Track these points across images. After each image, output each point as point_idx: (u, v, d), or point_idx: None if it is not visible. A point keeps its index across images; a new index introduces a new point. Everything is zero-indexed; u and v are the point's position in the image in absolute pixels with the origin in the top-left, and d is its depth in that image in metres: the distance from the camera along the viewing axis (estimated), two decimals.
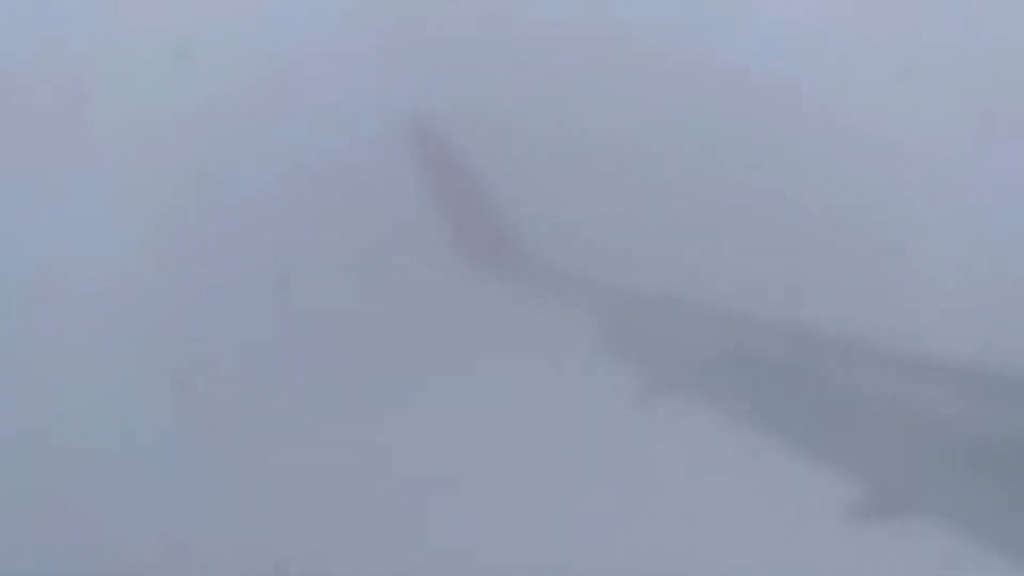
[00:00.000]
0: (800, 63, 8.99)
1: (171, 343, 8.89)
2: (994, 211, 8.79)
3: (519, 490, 8.25)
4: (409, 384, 8.58)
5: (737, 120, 8.89)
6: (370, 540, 8.39)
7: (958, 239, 8.70)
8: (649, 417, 7.44)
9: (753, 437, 6.97)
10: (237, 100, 9.21)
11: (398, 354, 8.68)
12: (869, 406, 6.73)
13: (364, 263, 8.85)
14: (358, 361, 8.72)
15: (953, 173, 8.87)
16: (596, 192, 8.80)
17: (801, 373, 6.87)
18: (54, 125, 9.28)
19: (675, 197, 8.71)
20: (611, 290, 7.89)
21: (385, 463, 8.51)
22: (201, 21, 9.35)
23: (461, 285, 8.61)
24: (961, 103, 8.92)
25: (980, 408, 6.42)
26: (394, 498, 8.48)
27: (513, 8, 9.09)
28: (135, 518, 8.54)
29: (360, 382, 8.64)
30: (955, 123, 8.89)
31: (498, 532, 8.16)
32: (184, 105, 9.23)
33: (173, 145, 9.18)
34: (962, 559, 6.27)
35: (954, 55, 8.97)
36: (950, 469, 6.37)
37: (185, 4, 9.43)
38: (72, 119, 9.26)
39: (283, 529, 8.42)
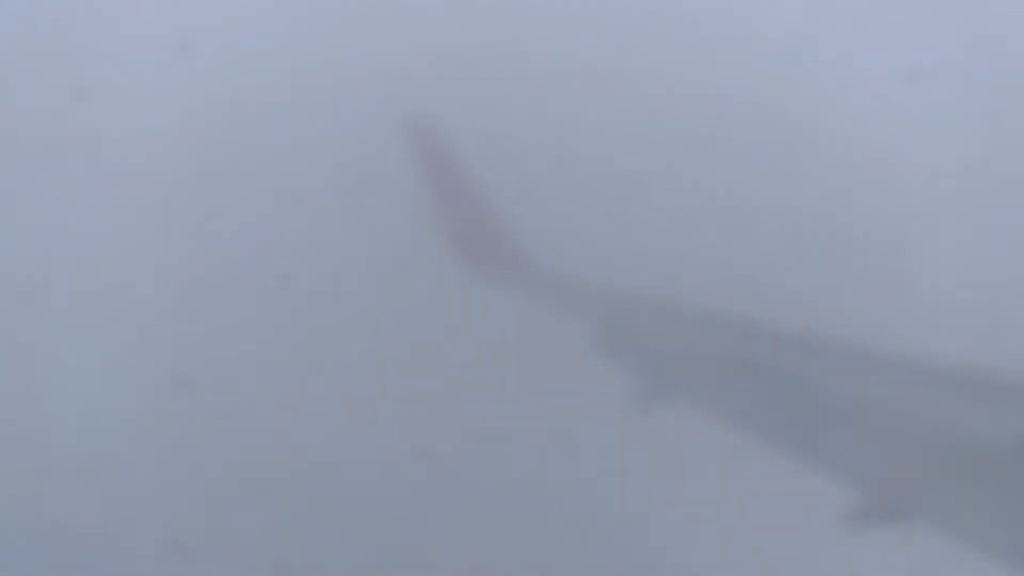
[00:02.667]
0: (801, 66, 8.98)
1: (171, 343, 8.89)
2: (994, 217, 8.78)
3: (517, 490, 8.25)
4: (407, 384, 8.59)
5: (736, 123, 8.88)
6: (369, 540, 8.39)
7: (958, 243, 8.69)
8: (646, 420, 7.43)
9: (751, 440, 6.94)
10: (238, 96, 9.20)
11: (397, 355, 8.68)
12: (867, 409, 6.70)
13: (363, 264, 8.85)
14: (357, 361, 8.72)
15: (954, 176, 8.86)
16: (593, 196, 8.79)
17: (799, 376, 6.83)
18: (54, 120, 9.28)
19: (673, 201, 8.70)
20: (608, 294, 7.87)
21: (384, 463, 8.50)
22: (202, 16, 9.35)
23: (459, 287, 8.61)
24: (963, 104, 8.90)
25: (979, 411, 6.38)
26: (393, 498, 8.48)
27: (513, 16, 9.09)
28: (136, 517, 8.54)
29: (359, 382, 8.64)
30: (957, 125, 8.87)
31: (496, 532, 8.16)
32: (185, 100, 9.23)
33: (173, 142, 9.18)
34: (961, 562, 6.24)
35: (956, 57, 8.95)
36: (949, 472, 6.34)
37: (185, 1, 9.44)
38: (72, 114, 9.26)
39: (283, 529, 8.43)
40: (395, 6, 9.26)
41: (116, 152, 9.23)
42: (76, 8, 9.47)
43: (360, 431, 8.57)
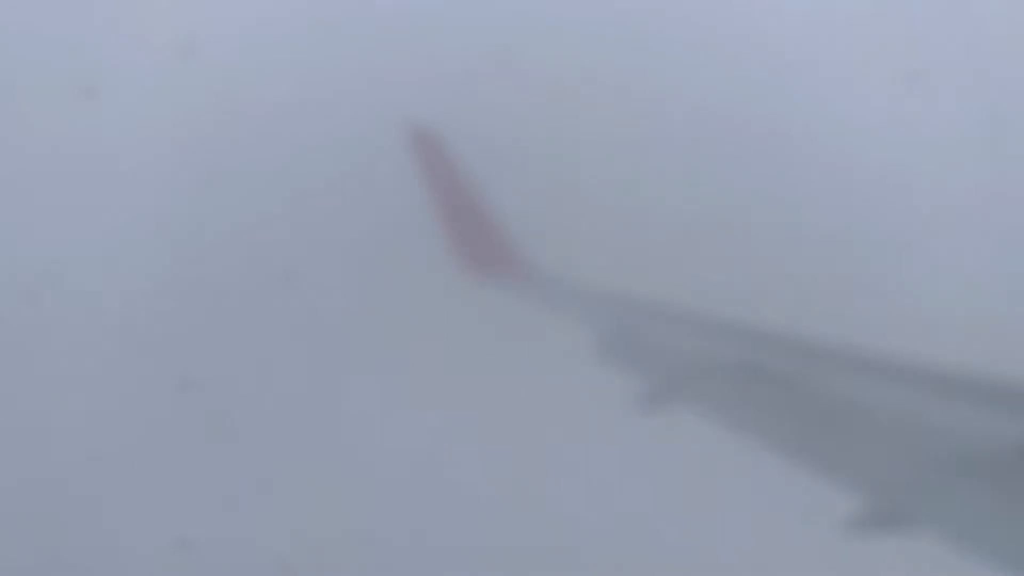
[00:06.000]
0: (801, 67, 8.96)
1: (174, 343, 8.90)
2: (996, 219, 8.77)
3: (518, 493, 8.26)
4: (410, 387, 8.60)
5: (738, 125, 8.87)
6: (371, 538, 8.40)
7: (959, 244, 8.68)
8: (648, 424, 7.43)
9: (751, 445, 6.94)
10: (243, 97, 9.21)
11: (399, 356, 8.70)
12: (868, 414, 6.68)
13: (365, 266, 8.86)
14: (358, 362, 8.74)
15: (955, 177, 8.85)
16: (594, 200, 8.79)
17: (799, 380, 6.82)
18: (59, 122, 9.28)
19: (674, 203, 8.70)
20: (609, 298, 7.86)
21: (386, 463, 8.52)
22: (208, 18, 9.35)
23: (460, 289, 8.62)
24: (964, 105, 8.89)
25: (980, 415, 6.36)
26: (395, 497, 8.50)
27: (515, 21, 9.08)
28: (139, 516, 8.55)
29: (360, 383, 8.66)
30: (957, 125, 8.86)
31: (497, 533, 8.18)
32: (190, 101, 9.23)
33: (178, 142, 9.18)
34: (961, 566, 6.24)
35: (956, 57, 8.94)
36: (949, 476, 6.32)
37: (191, 2, 9.44)
38: (78, 114, 9.26)
39: (286, 527, 8.44)
40: (398, 11, 9.26)
41: (121, 152, 9.25)
42: (82, 8, 9.48)
43: (362, 430, 8.59)
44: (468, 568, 8.21)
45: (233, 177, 9.13)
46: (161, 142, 9.20)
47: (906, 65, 9.00)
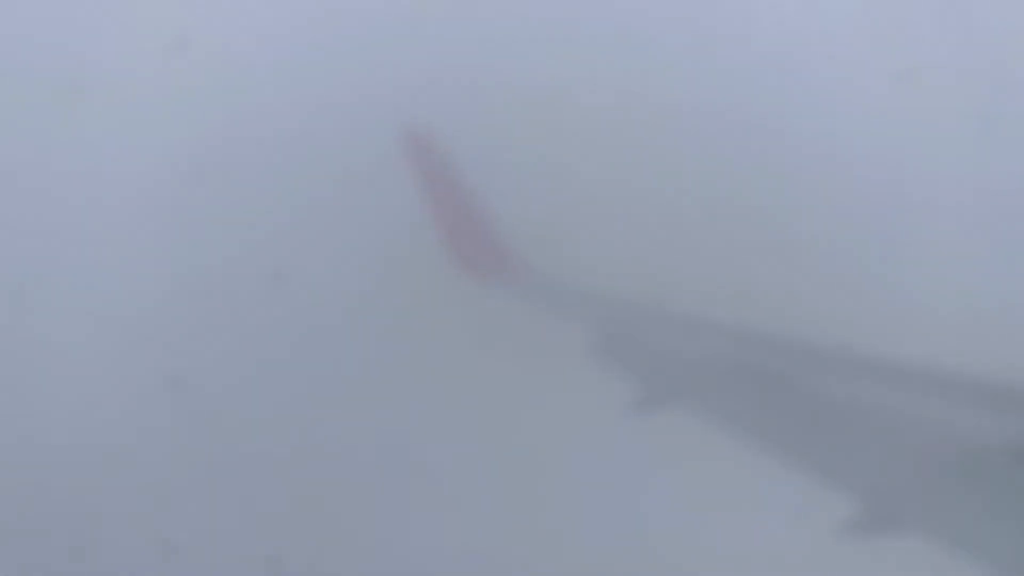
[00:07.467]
0: (794, 66, 8.97)
1: (164, 342, 8.88)
2: (991, 219, 8.79)
3: (513, 495, 8.26)
4: (402, 388, 8.59)
5: (729, 125, 8.87)
6: (363, 538, 8.40)
7: (954, 245, 8.70)
8: (642, 427, 7.44)
9: (746, 447, 6.95)
10: (235, 93, 9.18)
11: (391, 355, 8.68)
12: (862, 416, 6.69)
13: (358, 263, 8.85)
14: (350, 363, 8.72)
15: (949, 176, 8.86)
16: (590, 200, 8.79)
17: (795, 382, 6.83)
18: (48, 118, 9.24)
19: (669, 206, 8.71)
20: (604, 300, 7.87)
21: (377, 462, 8.51)
22: (200, 12, 9.31)
23: (454, 288, 8.61)
24: (957, 104, 8.91)
25: (976, 417, 6.37)
26: (386, 496, 8.49)
27: (511, 21, 9.07)
28: (129, 515, 8.53)
29: (352, 384, 8.65)
30: (951, 125, 8.87)
31: (492, 536, 8.18)
32: (181, 96, 9.19)
33: (167, 138, 9.14)
34: (959, 570, 6.25)
35: (951, 56, 8.95)
36: (945, 479, 6.34)
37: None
38: (66, 112, 9.22)
39: (275, 526, 8.43)
40: (395, 12, 9.23)
41: (110, 149, 9.21)
42: (72, 4, 9.43)
43: (353, 430, 8.58)
44: (462, 570, 8.21)
45: (225, 178, 9.08)
46: (151, 141, 9.17)
47: (897, 63, 9.01)
